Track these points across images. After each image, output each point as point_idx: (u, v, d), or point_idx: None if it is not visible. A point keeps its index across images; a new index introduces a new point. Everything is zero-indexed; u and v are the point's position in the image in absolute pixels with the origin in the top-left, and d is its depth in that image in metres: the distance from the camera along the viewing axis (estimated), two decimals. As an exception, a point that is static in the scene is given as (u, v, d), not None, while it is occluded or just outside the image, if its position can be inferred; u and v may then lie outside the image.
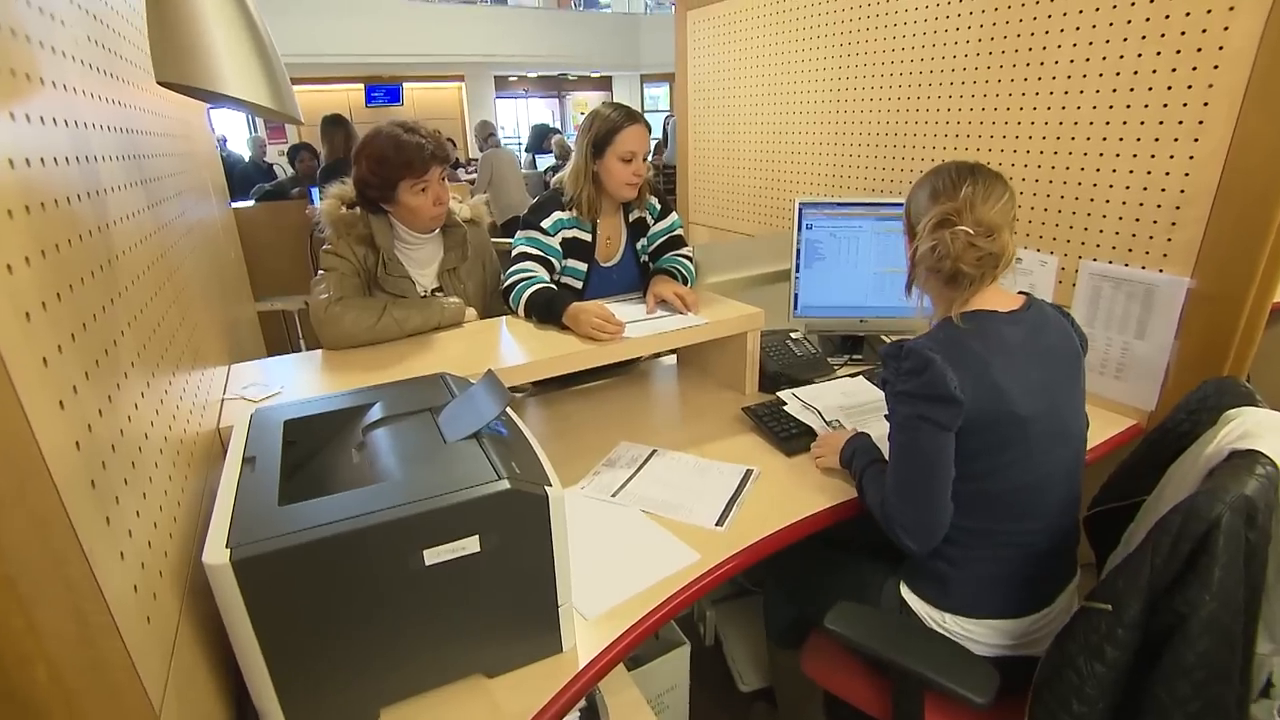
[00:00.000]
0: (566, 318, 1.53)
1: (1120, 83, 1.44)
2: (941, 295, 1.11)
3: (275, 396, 1.25)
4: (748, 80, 2.50)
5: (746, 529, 1.18)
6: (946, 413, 1.00)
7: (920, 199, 1.12)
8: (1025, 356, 1.06)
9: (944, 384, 0.99)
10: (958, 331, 1.06)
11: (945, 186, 1.08)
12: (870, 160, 2.07)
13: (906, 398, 1.04)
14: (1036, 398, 1.04)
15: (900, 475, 1.07)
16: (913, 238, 1.13)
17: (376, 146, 1.55)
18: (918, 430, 1.03)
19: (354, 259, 1.61)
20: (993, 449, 1.03)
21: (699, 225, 2.99)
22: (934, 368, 1.00)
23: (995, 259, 1.05)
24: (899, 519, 1.07)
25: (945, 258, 1.04)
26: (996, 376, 1.02)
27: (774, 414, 1.52)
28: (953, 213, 1.05)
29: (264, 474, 0.85)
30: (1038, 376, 1.06)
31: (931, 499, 1.04)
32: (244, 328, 1.95)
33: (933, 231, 1.06)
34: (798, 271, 1.87)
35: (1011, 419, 1.02)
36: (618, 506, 1.25)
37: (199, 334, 1.15)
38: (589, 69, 12.16)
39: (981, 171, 1.09)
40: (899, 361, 1.06)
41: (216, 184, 2.08)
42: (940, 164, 1.14)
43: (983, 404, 1.01)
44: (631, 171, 1.72)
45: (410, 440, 0.93)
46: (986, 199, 1.06)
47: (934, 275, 1.09)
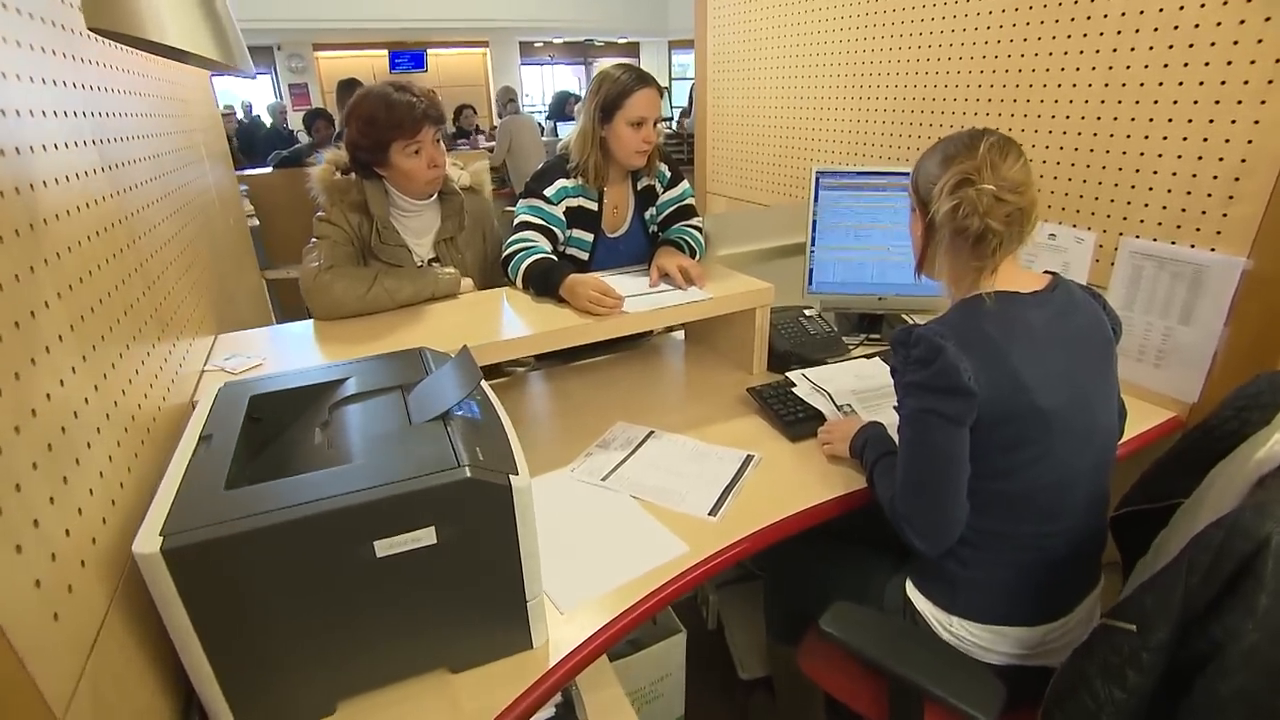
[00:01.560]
0: (564, 290, 1.46)
1: (1177, 37, 1.29)
2: (963, 267, 1.01)
3: (256, 369, 1.21)
4: (768, 45, 2.36)
5: (741, 520, 1.11)
6: (958, 406, 0.91)
7: (929, 167, 1.02)
8: (1049, 343, 0.96)
9: (955, 374, 0.90)
10: (974, 315, 0.97)
11: (959, 149, 0.99)
12: (894, 128, 1.94)
13: (915, 389, 0.95)
14: (1061, 389, 0.94)
15: (911, 472, 0.99)
16: (925, 212, 1.03)
17: (366, 107, 1.48)
18: (927, 425, 0.94)
19: (347, 227, 1.56)
20: (1011, 445, 0.94)
21: (717, 195, 2.87)
22: (945, 356, 0.91)
23: (1025, 215, 0.96)
24: (909, 518, 0.99)
25: (972, 214, 0.94)
26: (1016, 365, 0.92)
27: (780, 396, 1.43)
28: (972, 171, 0.95)
29: (218, 454, 0.80)
30: (1063, 365, 0.96)
31: (944, 498, 0.95)
32: (244, 296, 1.91)
33: (952, 192, 0.96)
34: (813, 245, 1.76)
35: (1032, 412, 0.93)
36: (607, 491, 1.19)
37: (172, 304, 1.10)
38: (616, 34, 11.85)
39: (994, 133, 0.99)
40: (907, 349, 0.97)
41: (216, 150, 2.03)
42: (945, 135, 1.05)
43: (1000, 396, 0.92)
44: (641, 138, 1.62)
45: (375, 420, 0.87)
46: (1005, 156, 0.96)
47: (958, 239, 0.98)
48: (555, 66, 12.80)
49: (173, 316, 1.09)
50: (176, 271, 1.18)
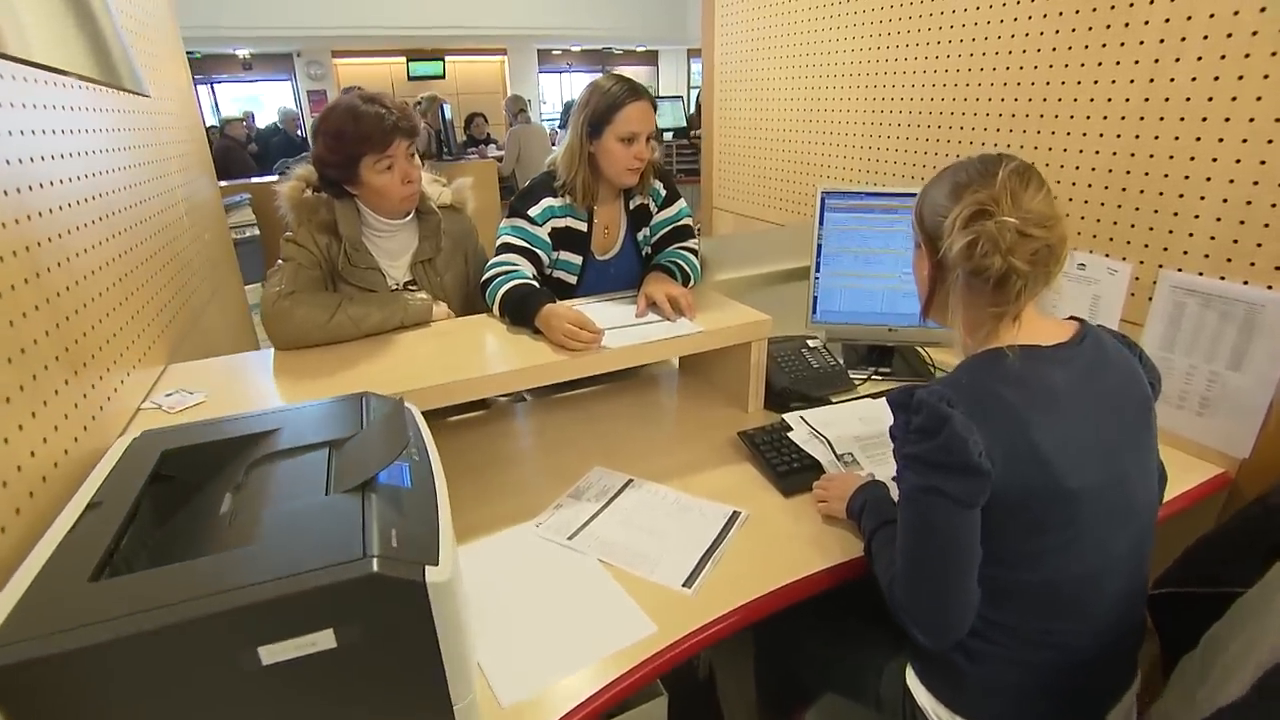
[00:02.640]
0: (539, 321, 1.34)
1: (1231, 47, 1.15)
2: (980, 314, 0.87)
3: (194, 408, 1.10)
4: (778, 56, 2.23)
5: (719, 593, 0.97)
6: (967, 486, 0.78)
7: (936, 198, 0.90)
8: (1077, 408, 0.82)
9: (963, 450, 0.77)
10: (988, 375, 0.83)
11: (972, 176, 0.86)
12: (911, 145, 1.80)
13: (916, 463, 0.82)
14: (1091, 465, 0.81)
15: (910, 558, 0.85)
16: (933, 248, 0.89)
17: (332, 120, 1.38)
18: (930, 505, 0.81)
19: (314, 248, 1.46)
20: (1030, 531, 0.81)
21: (724, 211, 2.75)
22: (951, 427, 0.77)
23: (1053, 253, 0.82)
24: (909, 609, 0.85)
25: (992, 253, 0.81)
26: (1037, 437, 0.79)
27: (774, 442, 1.30)
28: (989, 202, 0.82)
29: (100, 528, 0.69)
30: (1094, 435, 0.82)
31: (948, 590, 0.82)
32: (219, 316, 1.82)
33: (967, 226, 0.82)
34: (818, 271, 1.63)
35: (1057, 494, 0.79)
36: (573, 553, 1.06)
37: (96, 339, 1.00)
38: (634, 43, 11.78)
39: (1011, 158, 0.86)
40: (908, 414, 0.83)
41: (194, 163, 1.95)
42: (954, 162, 0.92)
43: (1018, 474, 0.78)
44: (633, 155, 1.50)
45: (292, 486, 0.76)
46: (1026, 185, 0.83)
47: (975, 280, 0.84)
48: (573, 74, 12.78)
49: (97, 352, 0.99)
50: (110, 301, 1.08)
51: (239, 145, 5.85)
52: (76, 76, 0.69)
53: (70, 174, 1.01)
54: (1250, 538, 0.87)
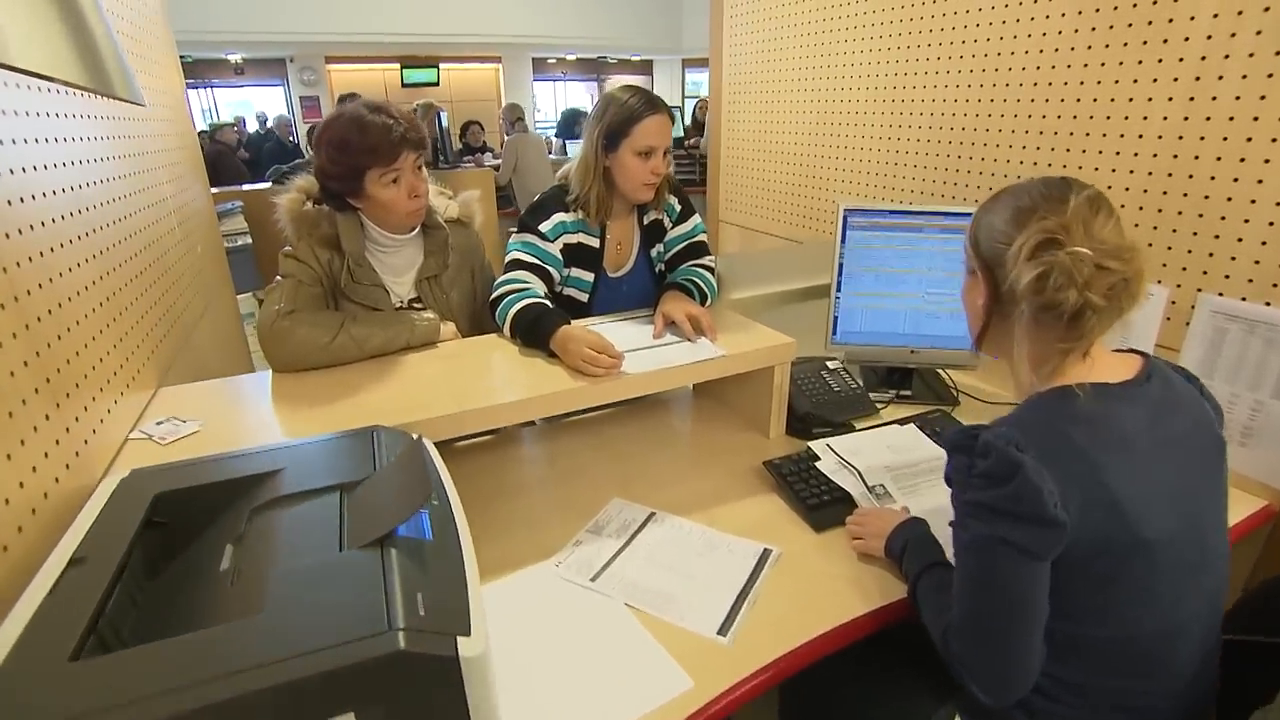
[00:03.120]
0: (554, 343, 1.27)
1: (1278, 65, 1.11)
2: (1046, 350, 0.81)
3: (189, 438, 1.03)
4: (791, 65, 2.19)
5: (757, 641, 0.91)
6: (1040, 537, 0.72)
7: (994, 223, 0.83)
8: (1152, 452, 0.77)
9: (1037, 499, 0.71)
10: (1057, 415, 0.77)
11: (1038, 200, 0.80)
12: (931, 160, 1.75)
13: (983, 511, 0.75)
14: (1168, 513, 0.75)
15: (972, 611, 0.79)
16: (991, 277, 0.84)
17: (337, 130, 1.31)
18: (997, 556, 0.74)
19: (315, 264, 1.38)
20: (1102, 583, 0.75)
21: (730, 225, 2.69)
22: (1024, 475, 0.71)
23: (1129, 288, 0.76)
24: (969, 665, 0.79)
25: (1067, 287, 0.74)
26: (1111, 483, 0.73)
27: (801, 472, 1.24)
28: (1059, 230, 0.76)
29: (83, 590, 0.61)
30: (1170, 482, 0.77)
31: (1013, 646, 0.76)
32: (211, 332, 1.74)
33: (1036, 256, 0.76)
34: (839, 290, 1.58)
35: (1132, 544, 0.74)
36: (597, 596, 0.99)
37: (82, 365, 0.93)
38: (629, 52, 11.78)
39: (1081, 184, 0.81)
40: (970, 458, 0.77)
41: (187, 171, 1.87)
42: (1012, 184, 0.86)
43: (1091, 523, 0.72)
44: (650, 169, 1.45)
45: (302, 538, 0.68)
46: (1097, 212, 0.77)
47: (1045, 315, 0.78)
48: (568, 83, 12.76)
49: (81, 380, 0.91)
50: (96, 324, 1.00)
51: (230, 151, 5.75)
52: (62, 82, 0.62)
53: (54, 186, 0.93)
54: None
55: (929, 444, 1.32)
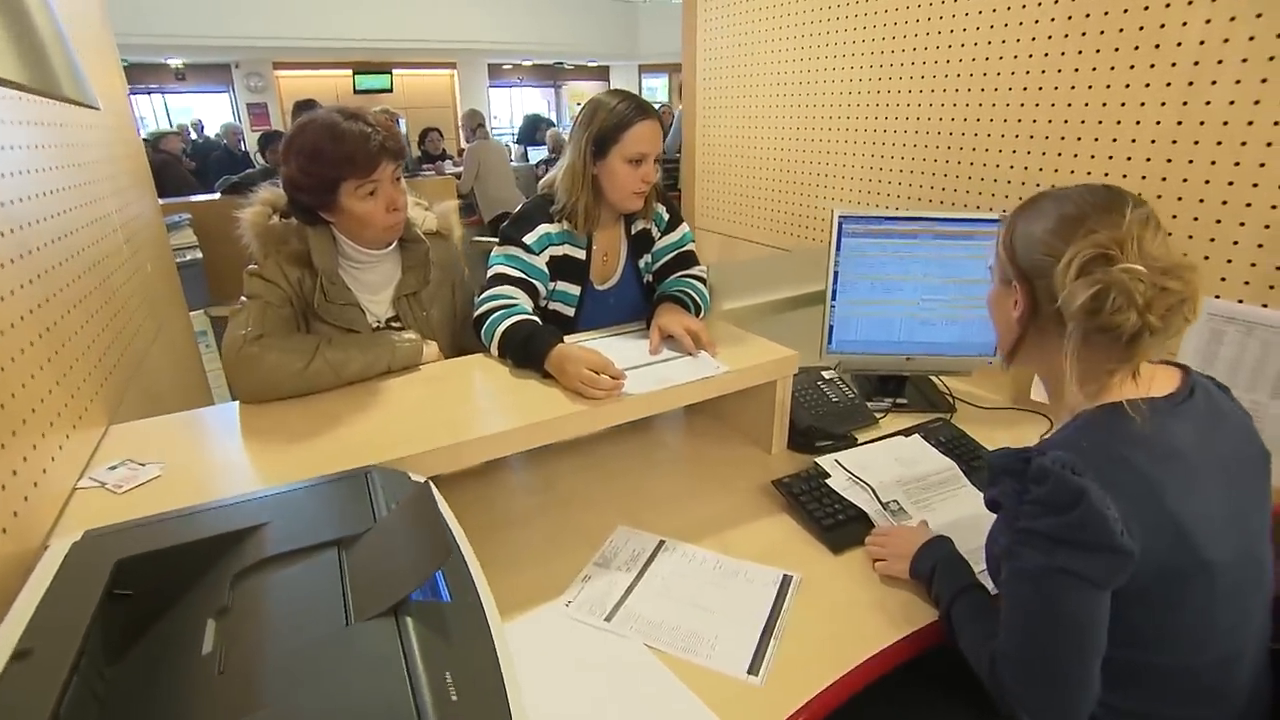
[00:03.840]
0: (549, 364, 1.20)
1: (1272, 70, 1.11)
2: (1092, 369, 0.77)
3: (149, 486, 0.92)
4: (770, 70, 2.16)
5: (791, 679, 0.85)
6: (1106, 566, 0.68)
7: (1034, 232, 0.79)
8: (1206, 470, 0.74)
9: (1104, 527, 0.67)
10: (1112, 434, 0.74)
11: (1087, 210, 0.75)
12: (917, 165, 1.74)
13: (1042, 541, 0.71)
14: (1226, 533, 0.72)
15: (1029, 643, 0.74)
16: (1029, 289, 0.80)
17: (308, 138, 1.21)
18: (1059, 587, 0.70)
19: (285, 283, 1.28)
20: (1164, 610, 0.72)
21: (708, 231, 2.65)
22: (1088, 502, 0.67)
23: (1185, 309, 0.72)
24: (1021, 696, 0.75)
25: (1126, 308, 0.70)
26: (1173, 506, 0.70)
27: (813, 490, 1.19)
28: (1112, 245, 0.71)
29: (32, 697, 0.51)
30: (1223, 499, 0.74)
31: (1072, 678, 0.72)
32: (159, 361, 1.60)
33: (1088, 272, 0.72)
34: (833, 299, 1.54)
35: (1195, 569, 0.71)
36: (613, 637, 0.92)
37: (20, 408, 0.81)
38: (585, 57, 11.73)
39: (1128, 193, 0.77)
40: (1023, 483, 0.73)
41: (134, 185, 1.73)
42: (1051, 189, 0.83)
43: (1156, 549, 0.69)
44: (640, 177, 1.39)
45: (298, 609, 0.60)
46: (1147, 226, 0.73)
47: (1099, 336, 0.74)
48: (524, 89, 12.63)
49: (19, 427, 0.80)
50: (35, 359, 0.89)
51: (176, 160, 5.47)
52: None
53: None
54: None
55: (936, 454, 1.29)
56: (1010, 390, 1.60)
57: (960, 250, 1.46)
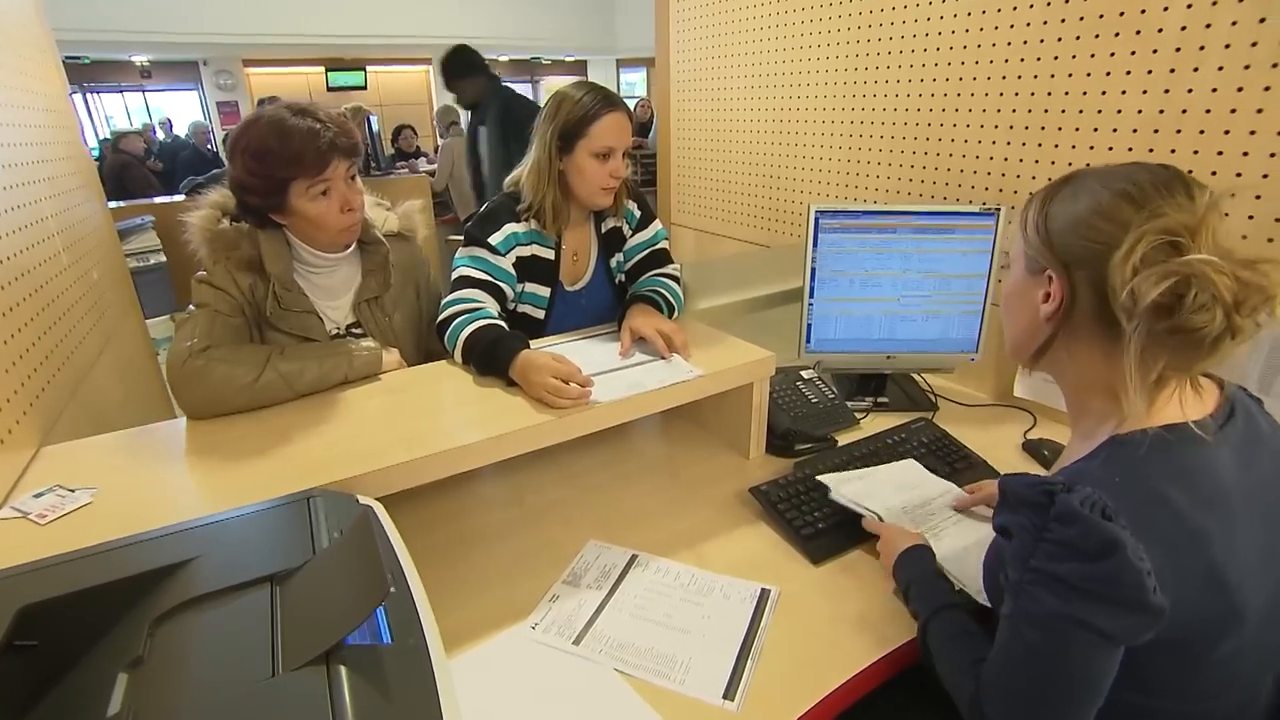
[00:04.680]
0: (514, 372, 1.14)
1: (1255, 55, 1.08)
2: (1141, 381, 0.66)
3: (77, 514, 0.85)
4: (745, 64, 2.11)
5: (769, 703, 0.81)
6: (1132, 626, 0.61)
7: (1080, 213, 0.68)
8: (1244, 504, 0.66)
9: (1137, 584, 0.59)
10: (1148, 466, 0.65)
11: (1146, 191, 0.64)
12: (894, 158, 1.70)
13: (1061, 587, 0.63)
14: (1262, 575, 0.66)
15: (1022, 684, 0.68)
16: (1068, 278, 0.69)
17: (254, 136, 1.14)
18: (1071, 639, 0.63)
19: (235, 291, 1.21)
20: (1185, 659, 0.65)
21: (683, 228, 2.60)
22: (1123, 556, 0.59)
23: (1267, 308, 0.61)
24: None
25: (1211, 306, 0.59)
26: (1213, 553, 0.63)
27: (792, 498, 1.15)
28: (1183, 232, 0.61)
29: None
30: (1262, 537, 0.67)
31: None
32: (107, 376, 1.52)
33: (1158, 262, 0.61)
34: (811, 296, 1.50)
35: (1228, 617, 0.64)
36: (582, 661, 0.87)
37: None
38: (563, 52, 11.59)
39: (1188, 175, 0.67)
40: (1045, 520, 0.64)
41: (76, 188, 1.64)
42: (1089, 167, 0.72)
43: (1189, 600, 0.62)
44: (608, 172, 1.33)
45: (220, 658, 0.54)
46: (1217, 212, 0.63)
47: (1166, 339, 0.63)
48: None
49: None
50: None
51: (137, 161, 5.31)
52: None
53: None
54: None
55: (934, 479, 1.21)
56: (994, 387, 1.58)
57: (940, 244, 1.43)
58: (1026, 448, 1.36)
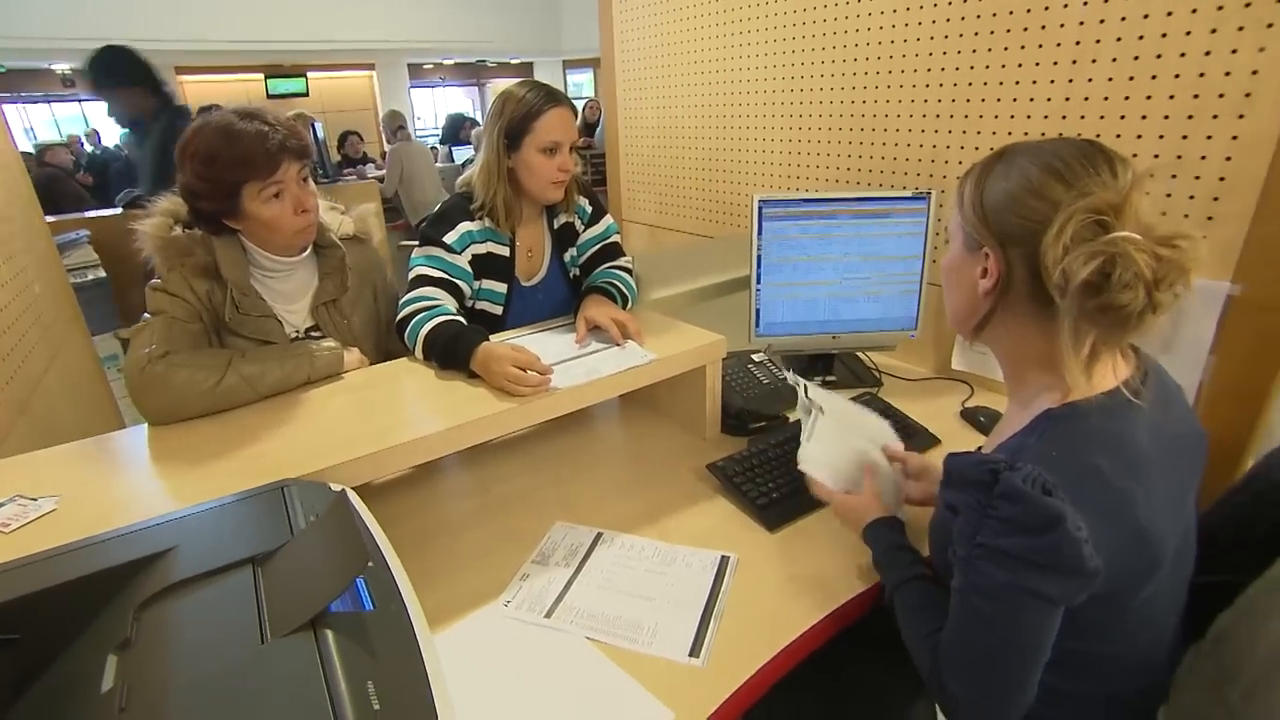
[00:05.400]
0: (475, 364, 1.18)
1: (1144, 49, 1.19)
2: (1074, 354, 0.69)
3: (42, 520, 0.85)
4: (686, 60, 2.17)
5: (732, 658, 0.87)
6: (1075, 588, 0.66)
7: (1013, 190, 0.70)
8: (1161, 464, 0.71)
9: (1076, 552, 0.63)
10: (1082, 439, 0.69)
11: (1074, 168, 0.66)
12: (833, 148, 1.79)
13: (1010, 560, 0.66)
14: (1175, 524, 0.73)
15: (977, 651, 0.72)
16: (1003, 254, 0.72)
17: (202, 142, 1.15)
18: (1021, 606, 0.67)
19: (192, 297, 1.21)
20: (1114, 607, 0.71)
21: (635, 224, 2.66)
22: (1064, 530, 0.63)
23: (1183, 283, 0.64)
24: (967, 701, 0.73)
25: (1134, 283, 0.62)
26: (1138, 512, 0.67)
27: (748, 471, 1.21)
28: (1108, 210, 0.63)
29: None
30: (1173, 490, 0.73)
31: (1019, 686, 0.71)
32: (55, 390, 1.49)
33: (1085, 240, 0.63)
34: (758, 283, 1.57)
35: (1151, 566, 0.70)
36: (554, 633, 0.92)
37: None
38: (508, 54, 11.53)
39: (1110, 149, 0.69)
40: (990, 499, 0.68)
41: (5, 202, 1.60)
42: (1020, 142, 0.74)
43: (1120, 559, 0.67)
44: (556, 166, 1.37)
45: (209, 634, 0.57)
46: (1139, 188, 0.65)
47: (1096, 316, 0.66)
48: (447, 89, 12.34)
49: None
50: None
51: (66, 174, 5.10)
52: None
53: None
54: (1245, 526, 0.87)
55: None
56: (933, 361, 1.67)
57: (877, 228, 1.51)
58: (964, 415, 1.46)
